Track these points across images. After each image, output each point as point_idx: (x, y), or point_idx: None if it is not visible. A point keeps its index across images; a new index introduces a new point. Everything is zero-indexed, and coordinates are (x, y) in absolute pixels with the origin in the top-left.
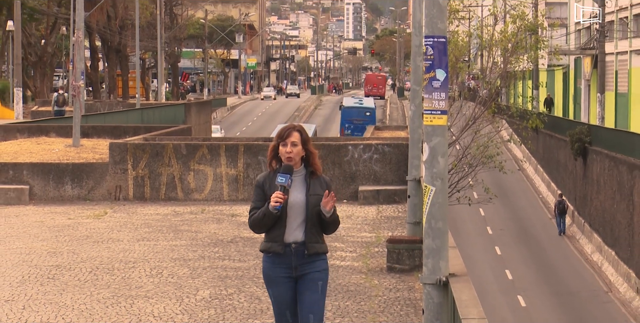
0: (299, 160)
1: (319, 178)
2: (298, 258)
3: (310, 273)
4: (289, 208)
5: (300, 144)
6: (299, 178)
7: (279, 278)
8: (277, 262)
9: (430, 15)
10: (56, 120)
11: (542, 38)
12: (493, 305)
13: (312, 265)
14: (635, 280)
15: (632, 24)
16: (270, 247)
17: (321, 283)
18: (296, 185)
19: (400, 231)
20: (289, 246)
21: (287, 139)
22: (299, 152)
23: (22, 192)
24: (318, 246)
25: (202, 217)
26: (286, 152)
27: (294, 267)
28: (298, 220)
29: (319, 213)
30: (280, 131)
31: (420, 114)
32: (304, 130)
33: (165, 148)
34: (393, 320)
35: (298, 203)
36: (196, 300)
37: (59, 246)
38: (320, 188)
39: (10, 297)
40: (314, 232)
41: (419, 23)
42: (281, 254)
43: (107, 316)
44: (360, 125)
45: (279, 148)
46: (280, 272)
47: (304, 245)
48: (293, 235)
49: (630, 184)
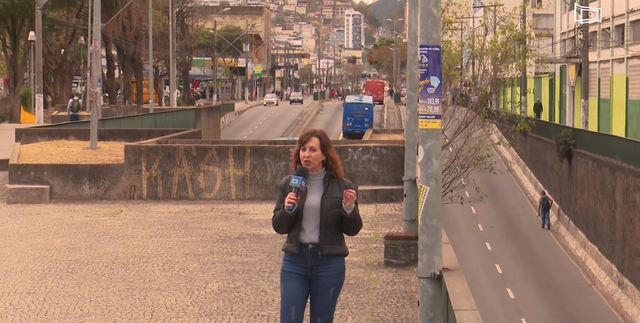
0: (317, 164)
1: (338, 182)
2: (313, 259)
3: (324, 278)
4: (305, 211)
5: (319, 149)
6: (317, 182)
7: (293, 275)
8: (295, 261)
9: (424, 26)
10: (75, 124)
11: (529, 47)
12: (484, 297)
13: (327, 267)
14: (617, 274)
15: (614, 34)
16: (288, 247)
17: (333, 289)
18: (314, 188)
19: (396, 228)
20: (306, 247)
21: (306, 144)
22: (318, 157)
23: (43, 191)
24: (333, 248)
25: (211, 215)
26: (304, 157)
27: (310, 267)
28: (314, 222)
29: (338, 215)
30: (302, 136)
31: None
32: (325, 136)
33: (177, 150)
34: (390, 312)
35: (314, 205)
36: (206, 293)
37: (77, 242)
38: (338, 192)
39: (32, 289)
40: (329, 234)
41: (414, 33)
42: (297, 254)
43: (123, 307)
44: (360, 119)
45: (299, 153)
46: (296, 269)
47: (319, 247)
48: (309, 236)
49: (612, 184)
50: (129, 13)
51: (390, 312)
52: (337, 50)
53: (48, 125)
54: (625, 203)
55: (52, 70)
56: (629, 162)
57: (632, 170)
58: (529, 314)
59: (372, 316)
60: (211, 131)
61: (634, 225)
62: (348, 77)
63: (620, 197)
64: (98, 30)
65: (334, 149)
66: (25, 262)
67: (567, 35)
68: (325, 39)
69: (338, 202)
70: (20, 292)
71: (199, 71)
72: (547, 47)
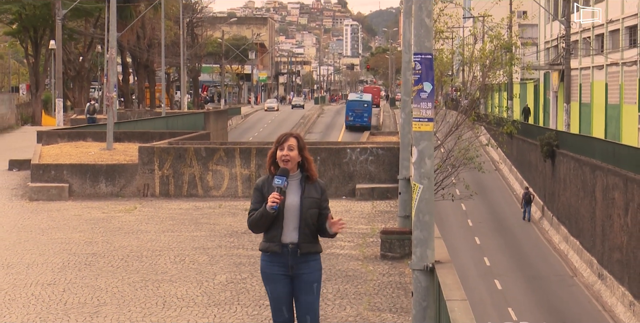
0: (295, 164)
1: (314, 183)
2: (293, 257)
3: (305, 275)
4: (286, 211)
5: (297, 149)
6: (295, 183)
7: (275, 276)
8: (275, 260)
9: (418, 35)
10: (92, 127)
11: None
12: (473, 288)
13: (307, 265)
14: (597, 266)
15: (594, 43)
16: (269, 246)
17: (316, 285)
18: (292, 188)
19: (392, 223)
20: (286, 246)
21: (285, 144)
22: (295, 156)
23: (63, 189)
24: (311, 246)
25: (219, 211)
26: (283, 155)
27: (290, 266)
28: (294, 222)
29: (315, 214)
30: (279, 137)
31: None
32: (301, 138)
33: (187, 151)
34: (386, 301)
35: (294, 205)
36: (214, 284)
37: (95, 236)
38: (315, 192)
39: (52, 280)
40: (307, 233)
41: (408, 42)
42: (278, 253)
43: (137, 298)
44: (360, 114)
45: (277, 154)
46: (276, 270)
47: (298, 246)
48: (290, 236)
49: (593, 183)
50: (143, 23)
51: (386, 302)
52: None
53: (67, 128)
54: (604, 200)
55: (71, 77)
56: (608, 162)
57: (611, 170)
58: (515, 304)
59: (369, 305)
60: (219, 133)
61: (613, 220)
62: (347, 82)
63: (600, 194)
64: (114, 39)
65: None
66: (46, 255)
67: (550, 44)
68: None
69: (316, 202)
70: (42, 283)
71: (208, 77)
72: (532, 55)
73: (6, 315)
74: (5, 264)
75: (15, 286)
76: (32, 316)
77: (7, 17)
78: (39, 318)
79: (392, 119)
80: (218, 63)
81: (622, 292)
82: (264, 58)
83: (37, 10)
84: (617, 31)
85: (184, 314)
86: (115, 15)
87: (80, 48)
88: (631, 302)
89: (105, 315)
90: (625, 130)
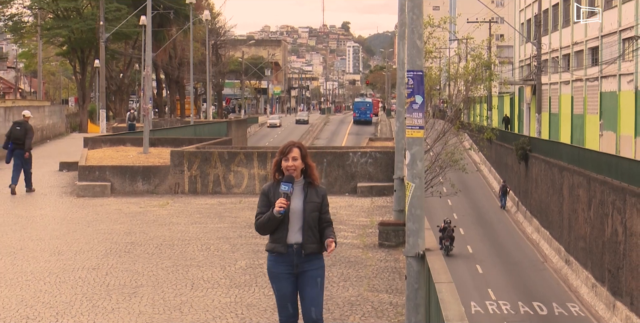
0: (299, 172)
1: (315, 188)
2: (298, 257)
3: (309, 271)
4: (291, 214)
5: (300, 158)
6: (299, 188)
7: (281, 275)
8: (280, 260)
9: (410, 55)
10: (130, 134)
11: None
12: (458, 272)
13: (310, 263)
14: (564, 253)
15: (562, 61)
16: (275, 247)
17: (319, 280)
18: (296, 193)
19: (388, 216)
20: (291, 247)
21: (289, 155)
22: (299, 165)
23: (105, 187)
24: (314, 247)
25: (240, 206)
26: (288, 166)
27: (295, 265)
28: (298, 224)
29: (316, 218)
30: (282, 148)
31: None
32: (303, 147)
33: (212, 154)
34: (383, 284)
35: (298, 209)
36: (235, 268)
37: (133, 228)
38: (316, 197)
39: (97, 265)
40: (310, 235)
41: (402, 60)
42: (284, 254)
43: (169, 280)
44: (364, 111)
45: (281, 162)
46: (282, 269)
47: (302, 246)
48: (294, 237)
49: (560, 182)
50: (174, 45)
51: (383, 284)
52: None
53: (109, 135)
54: (570, 196)
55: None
56: (574, 164)
57: (576, 171)
58: (494, 285)
59: (369, 287)
60: (240, 139)
61: (578, 214)
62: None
63: (566, 191)
64: (149, 58)
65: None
66: (91, 244)
67: (524, 62)
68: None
69: (317, 206)
70: (87, 268)
71: (230, 91)
72: (509, 72)
73: (57, 295)
74: (57, 251)
75: (65, 270)
76: (79, 296)
77: (58, 40)
78: (85, 297)
79: (388, 127)
80: (239, 79)
81: (585, 276)
82: (278, 74)
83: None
84: (581, 52)
85: (210, 294)
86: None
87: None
88: (593, 284)
89: (142, 295)
90: (589, 136)
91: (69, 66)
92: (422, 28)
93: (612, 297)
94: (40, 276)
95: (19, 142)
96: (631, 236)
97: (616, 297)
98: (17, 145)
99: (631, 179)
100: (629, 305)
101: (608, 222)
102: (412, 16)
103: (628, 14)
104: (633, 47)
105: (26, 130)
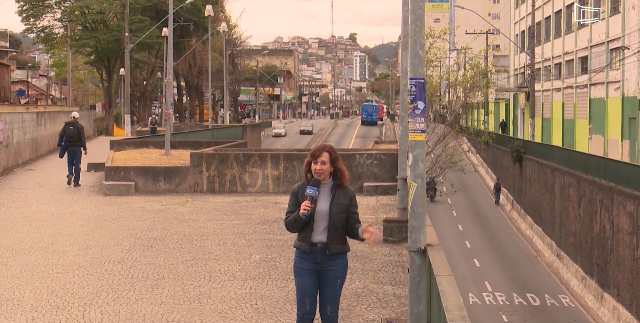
0: (327, 174)
1: (344, 189)
2: (322, 256)
3: (332, 271)
4: (316, 215)
5: (329, 162)
6: (326, 190)
7: (304, 271)
8: (305, 257)
9: (413, 64)
10: (153, 137)
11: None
12: (457, 265)
13: (333, 262)
14: (556, 248)
15: (553, 70)
16: (300, 245)
17: (339, 281)
18: (324, 195)
19: (392, 214)
20: (315, 245)
21: (318, 159)
22: (328, 169)
23: (130, 186)
24: (338, 247)
25: (254, 204)
26: (316, 170)
27: (319, 263)
28: (323, 224)
29: (343, 219)
30: (313, 150)
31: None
32: (333, 150)
33: (229, 156)
34: (387, 276)
35: (323, 211)
36: (250, 262)
37: (155, 224)
38: (343, 199)
39: (121, 259)
40: (335, 235)
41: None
42: (308, 252)
43: (189, 273)
44: (371, 113)
45: (311, 165)
46: (307, 265)
47: (326, 246)
48: (319, 237)
49: (552, 182)
50: (194, 54)
51: (387, 277)
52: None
53: (134, 138)
54: (561, 195)
55: (137, 97)
56: (565, 165)
57: (567, 171)
58: (490, 278)
59: (374, 279)
60: (254, 142)
61: (568, 212)
62: (356, 102)
63: (558, 191)
64: (170, 67)
65: (341, 160)
66: (116, 239)
67: (518, 71)
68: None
69: (344, 208)
70: (113, 261)
71: (246, 97)
72: (504, 80)
73: (85, 287)
74: (85, 246)
75: (92, 263)
76: (106, 287)
77: (86, 50)
78: (111, 289)
79: (392, 131)
80: (253, 86)
81: (575, 269)
82: (290, 82)
83: (110, 44)
84: (571, 61)
85: (226, 286)
86: (172, 48)
87: (144, 74)
88: (583, 277)
89: (164, 286)
90: (578, 139)
91: (97, 74)
92: (424, 39)
93: (600, 289)
94: (70, 269)
95: (72, 140)
96: (618, 232)
97: (604, 289)
98: (70, 143)
99: (618, 179)
100: (616, 297)
101: (596, 219)
102: (415, 28)
103: (615, 26)
104: (620, 57)
105: (79, 129)
